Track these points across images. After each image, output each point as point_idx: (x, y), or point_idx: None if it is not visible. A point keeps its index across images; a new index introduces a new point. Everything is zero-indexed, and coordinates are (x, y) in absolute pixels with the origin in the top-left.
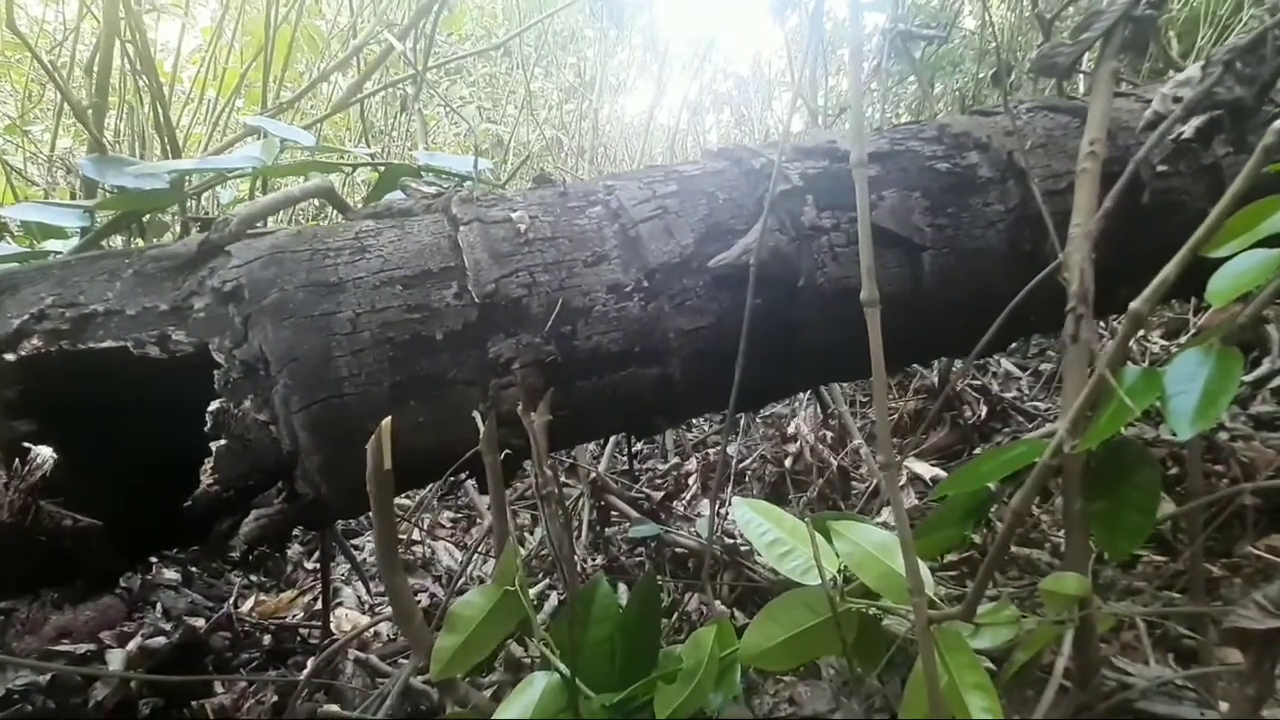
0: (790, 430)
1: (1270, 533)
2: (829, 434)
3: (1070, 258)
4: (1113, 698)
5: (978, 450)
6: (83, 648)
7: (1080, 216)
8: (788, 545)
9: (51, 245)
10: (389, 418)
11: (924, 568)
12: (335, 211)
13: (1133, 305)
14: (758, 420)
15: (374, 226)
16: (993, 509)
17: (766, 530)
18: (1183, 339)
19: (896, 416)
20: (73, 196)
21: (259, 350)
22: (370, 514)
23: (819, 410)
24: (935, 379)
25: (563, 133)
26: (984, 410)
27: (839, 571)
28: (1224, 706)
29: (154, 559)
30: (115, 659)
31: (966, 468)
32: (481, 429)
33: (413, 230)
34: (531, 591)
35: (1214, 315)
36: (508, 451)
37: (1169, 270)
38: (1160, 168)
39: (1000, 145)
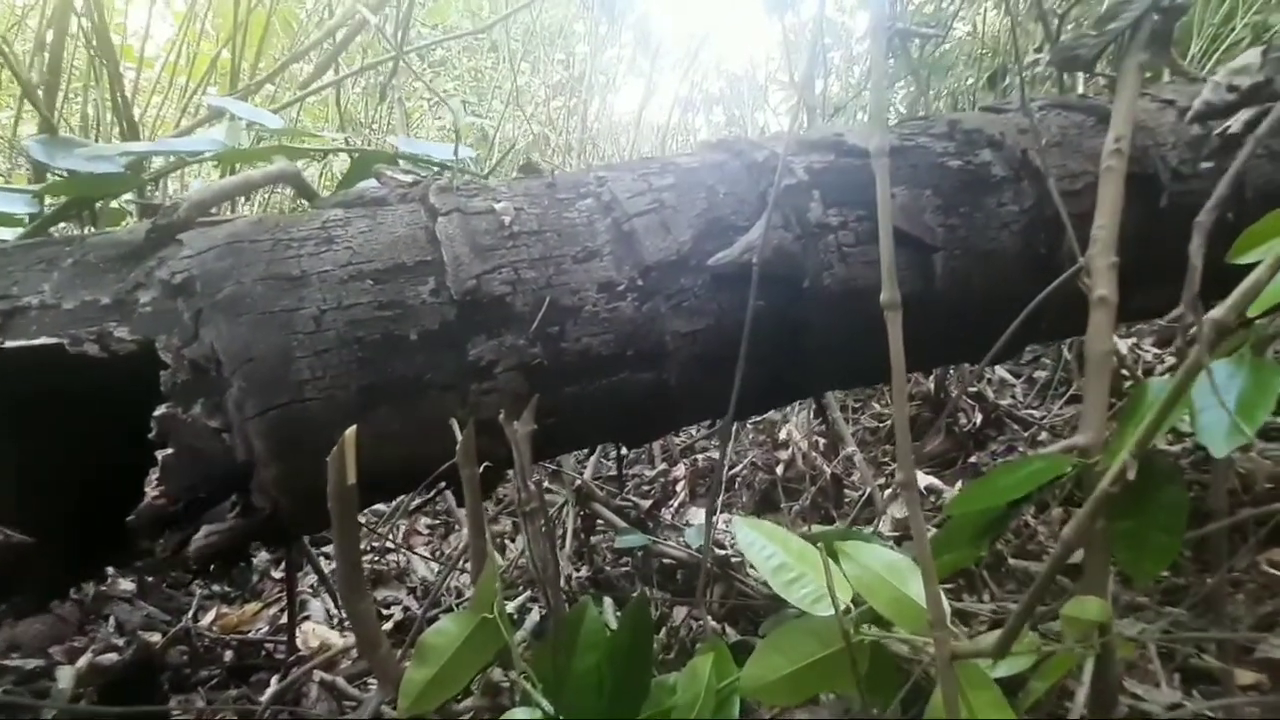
0: (782, 436)
1: (1271, 546)
2: (822, 440)
3: (1094, 261)
4: None
5: (973, 458)
6: (32, 663)
7: (1104, 218)
8: (795, 571)
9: (0, 234)
10: (354, 427)
11: (919, 584)
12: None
13: (1215, 314)
14: (748, 426)
15: (343, 216)
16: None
17: (772, 554)
18: (1176, 345)
19: (889, 423)
20: (31, 183)
21: (211, 349)
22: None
23: (811, 416)
24: (930, 385)
25: (550, 129)
26: (979, 418)
27: (851, 600)
28: None
29: (108, 569)
30: (65, 676)
31: (978, 484)
32: (459, 438)
33: (386, 220)
34: (511, 605)
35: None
36: (487, 464)
37: (1260, 273)
38: (1184, 169)
39: (1014, 143)
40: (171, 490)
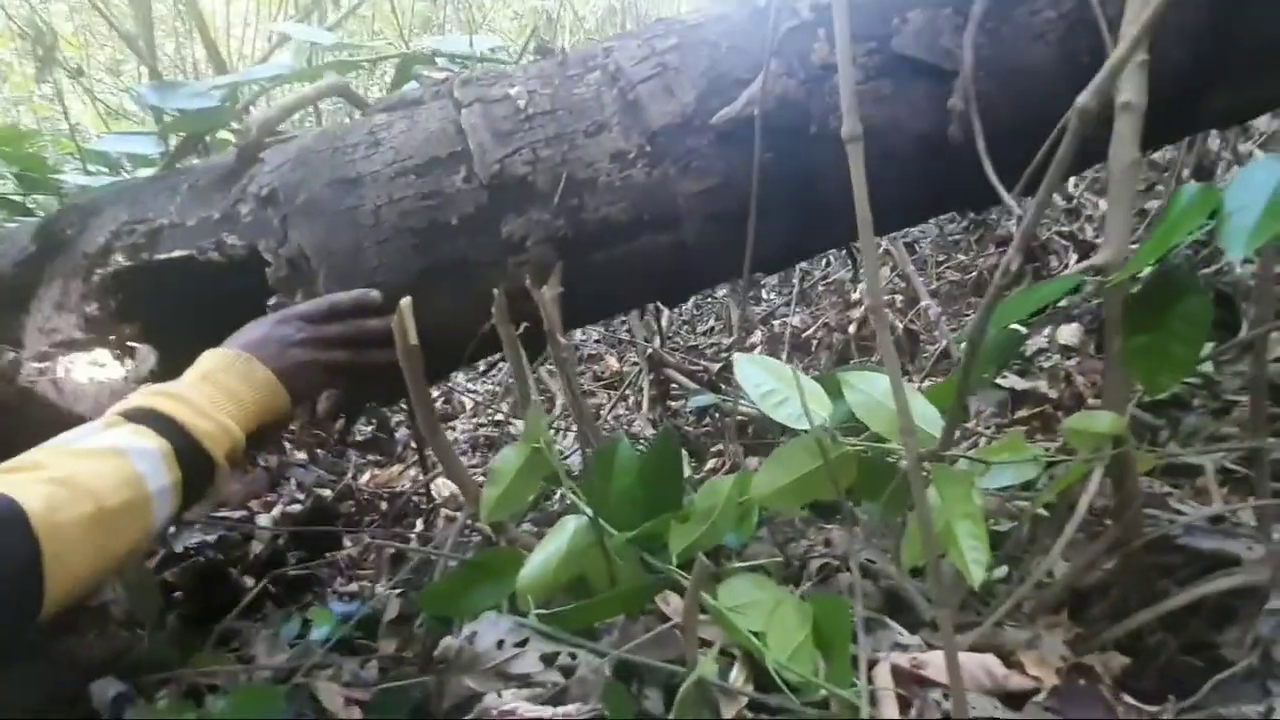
0: (855, 296)
1: None
2: (898, 297)
3: (1123, 57)
4: (1151, 534)
5: (1062, 303)
6: (237, 513)
7: (1137, 5)
8: (782, 395)
9: (146, 174)
10: (408, 297)
11: (926, 406)
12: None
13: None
14: (819, 287)
15: (386, 119)
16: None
17: (763, 382)
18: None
19: (975, 274)
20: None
21: (299, 248)
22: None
23: (887, 271)
24: (1014, 226)
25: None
26: (1074, 260)
27: (831, 417)
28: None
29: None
30: (264, 522)
31: (997, 308)
32: (501, 305)
33: (421, 119)
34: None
35: None
36: (526, 325)
37: None
38: None
39: None
40: None
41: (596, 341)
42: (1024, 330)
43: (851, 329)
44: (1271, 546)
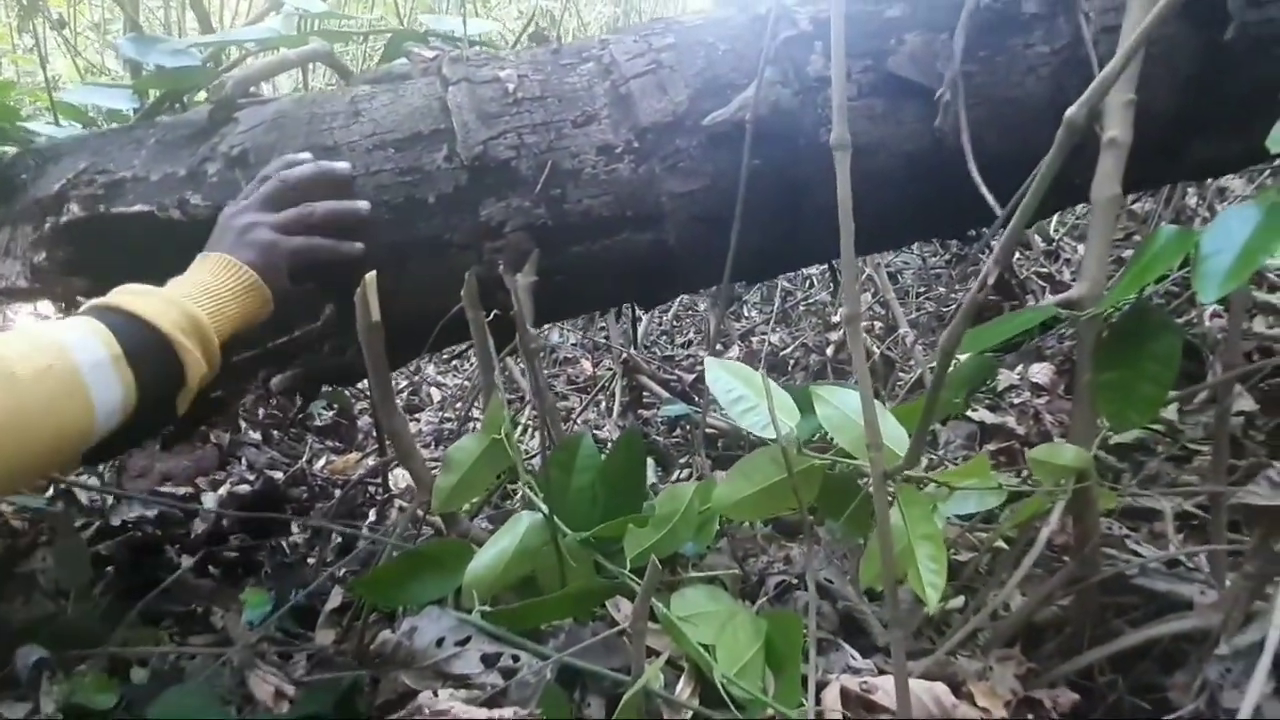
0: (835, 319)
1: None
2: (877, 324)
3: (1109, 99)
4: (1108, 573)
5: (1035, 341)
6: (183, 490)
7: (1125, 46)
8: (751, 402)
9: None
10: (372, 272)
11: (896, 426)
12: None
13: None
14: (800, 307)
15: (369, 91)
16: None
17: (733, 388)
18: None
19: (954, 307)
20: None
21: None
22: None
23: (869, 298)
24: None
25: (622, 5)
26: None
27: (799, 430)
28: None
29: (241, 421)
30: (209, 500)
31: (968, 334)
32: (471, 288)
33: (406, 94)
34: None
35: None
36: (496, 312)
37: None
38: None
39: None
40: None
41: (573, 345)
42: (998, 358)
43: (829, 351)
44: (1223, 592)
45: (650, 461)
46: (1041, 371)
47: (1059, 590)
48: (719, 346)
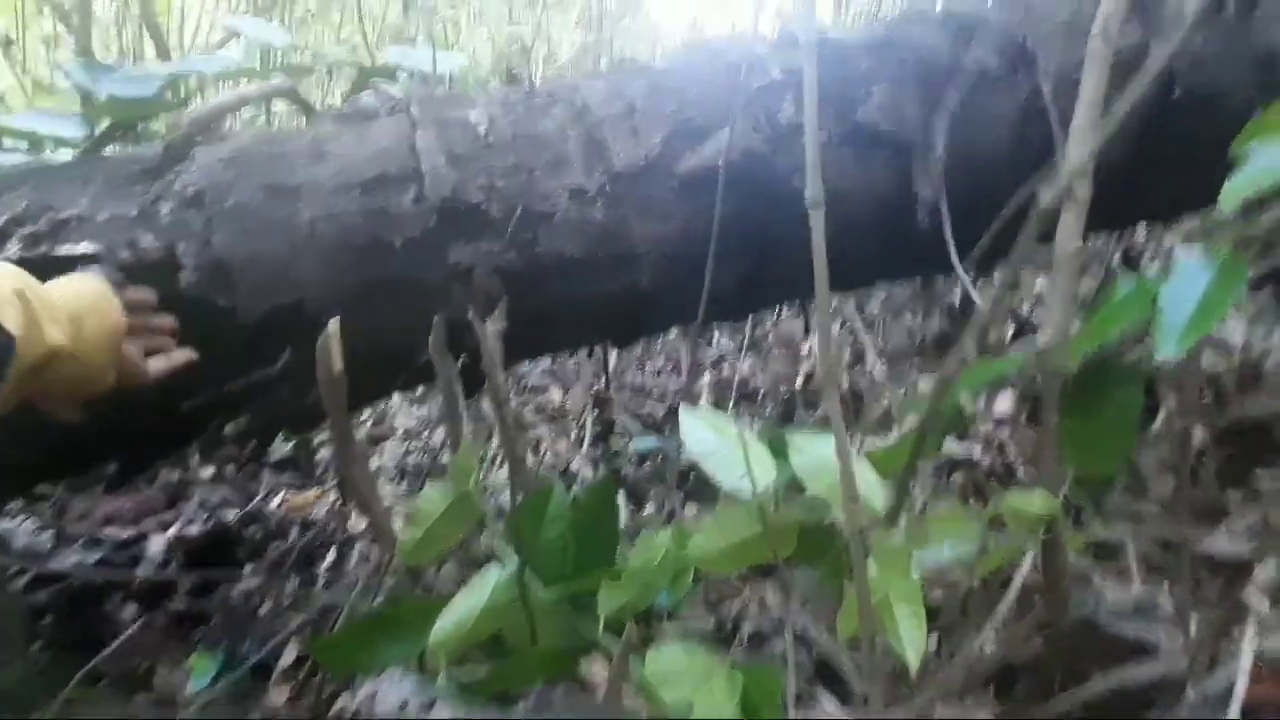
0: (804, 349)
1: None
2: (846, 354)
3: (1069, 154)
4: (1075, 616)
5: None
6: (128, 531)
7: (1084, 107)
8: (726, 456)
9: (64, 157)
10: (335, 319)
11: (874, 478)
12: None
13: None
14: (770, 338)
15: (334, 130)
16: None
17: (706, 439)
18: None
19: (919, 339)
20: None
21: (221, 255)
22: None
23: (838, 327)
24: (956, 300)
25: (595, 35)
26: (1010, 332)
27: (776, 482)
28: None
29: (193, 456)
30: (157, 544)
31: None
32: (440, 335)
33: (373, 133)
34: (499, 479)
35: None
36: (465, 359)
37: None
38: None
39: (1013, 29)
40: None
41: (543, 373)
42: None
43: (799, 382)
44: (1189, 638)
45: (621, 496)
46: (1004, 400)
47: (1031, 633)
48: (690, 381)
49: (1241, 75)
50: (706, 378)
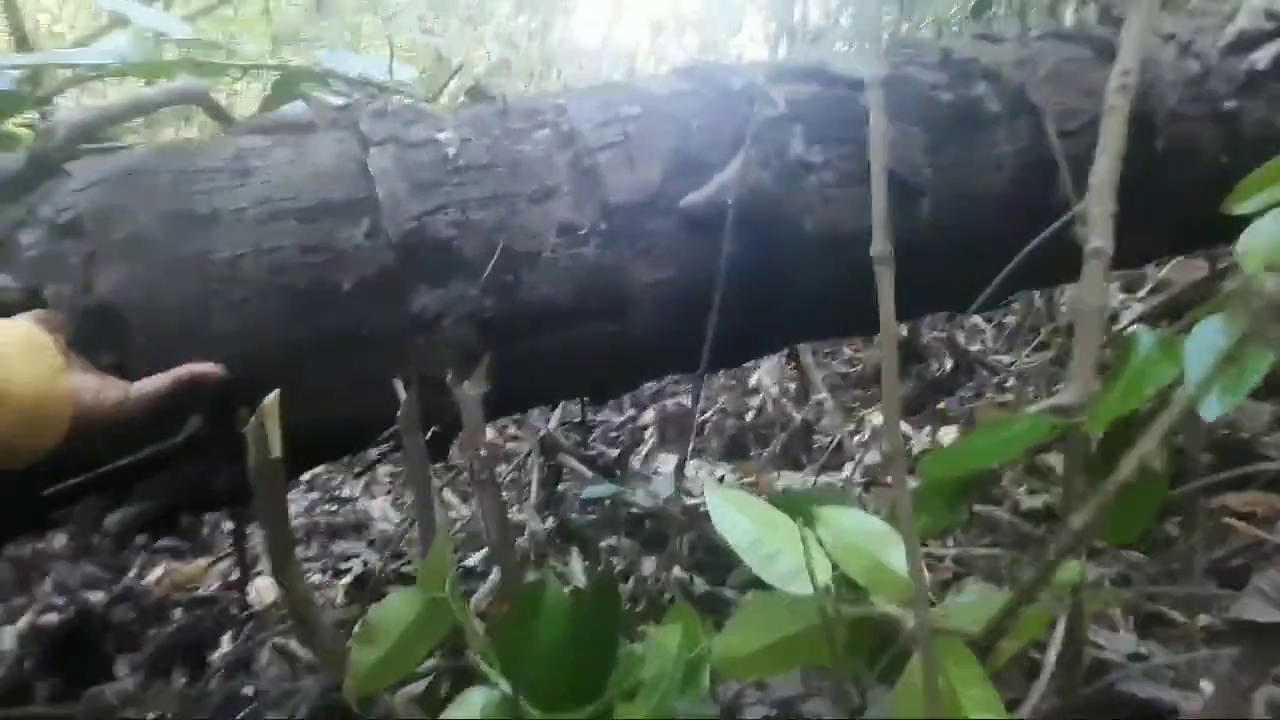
0: (752, 383)
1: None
2: (792, 386)
3: (1091, 209)
4: (1093, 681)
5: (940, 405)
6: None
7: (1106, 161)
8: (772, 547)
9: None
10: (275, 393)
11: (900, 552)
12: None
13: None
14: (721, 375)
15: (261, 144)
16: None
17: (747, 531)
18: (1140, 293)
19: (860, 368)
20: None
21: (107, 299)
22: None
23: (782, 362)
24: (904, 329)
25: (512, 50)
26: (950, 364)
27: (831, 576)
28: (1205, 688)
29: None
30: (7, 637)
31: (958, 445)
32: (402, 398)
33: (311, 150)
34: (474, 558)
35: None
36: (435, 429)
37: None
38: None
39: (1011, 76)
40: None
41: None
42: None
43: (749, 416)
44: (1206, 701)
45: (574, 551)
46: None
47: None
48: (631, 410)
49: (1213, 134)
50: (650, 414)
